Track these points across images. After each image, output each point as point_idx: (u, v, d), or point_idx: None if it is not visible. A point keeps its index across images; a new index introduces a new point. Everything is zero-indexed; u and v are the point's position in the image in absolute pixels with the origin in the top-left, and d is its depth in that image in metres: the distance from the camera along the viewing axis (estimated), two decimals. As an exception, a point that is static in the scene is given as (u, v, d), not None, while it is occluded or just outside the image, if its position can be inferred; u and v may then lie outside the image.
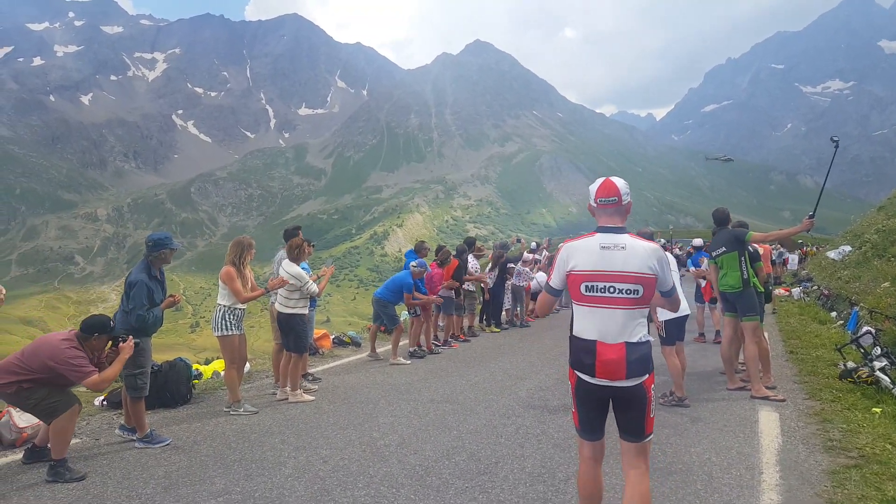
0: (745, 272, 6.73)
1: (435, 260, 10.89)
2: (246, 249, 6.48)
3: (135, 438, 5.43)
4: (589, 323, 2.95)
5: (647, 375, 2.96)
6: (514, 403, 6.57)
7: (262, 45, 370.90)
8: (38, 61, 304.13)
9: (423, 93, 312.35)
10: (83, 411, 6.56)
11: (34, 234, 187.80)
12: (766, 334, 7.59)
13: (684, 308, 6.54)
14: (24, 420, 5.48)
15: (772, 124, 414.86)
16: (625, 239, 2.98)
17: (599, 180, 3.18)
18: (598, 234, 3.05)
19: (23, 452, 5.00)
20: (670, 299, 3.27)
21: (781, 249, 26.72)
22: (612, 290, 2.92)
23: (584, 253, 3.01)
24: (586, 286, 2.96)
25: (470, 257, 12.15)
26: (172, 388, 6.87)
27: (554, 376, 7.97)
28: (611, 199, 3.06)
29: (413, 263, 9.85)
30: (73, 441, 5.46)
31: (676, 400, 6.39)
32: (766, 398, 6.47)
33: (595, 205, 3.12)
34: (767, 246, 12.60)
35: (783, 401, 6.42)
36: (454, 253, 11.31)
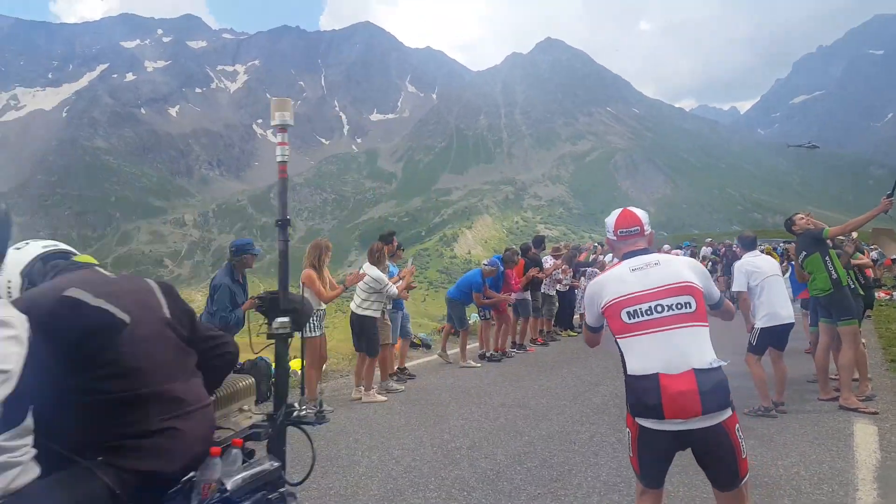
0: (835, 272, 6.27)
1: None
2: (324, 251, 6.71)
3: None
4: (644, 355, 2.55)
5: (729, 412, 2.50)
6: (589, 410, 6.44)
7: (336, 53, 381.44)
8: (130, 77, 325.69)
9: (492, 94, 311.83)
10: None
11: (128, 238, 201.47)
12: (864, 340, 7.06)
13: (788, 315, 6.19)
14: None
15: (870, 114, 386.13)
16: (655, 256, 2.78)
17: (616, 211, 3.05)
18: (625, 261, 2.84)
19: None
20: (721, 311, 2.97)
21: (880, 249, 24.70)
22: (659, 308, 2.59)
23: (614, 282, 2.74)
24: (628, 312, 2.62)
25: (548, 256, 11.98)
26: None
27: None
28: (632, 229, 2.91)
29: (484, 262, 9.80)
30: None
31: (763, 410, 6.07)
32: (856, 409, 6.02)
33: (615, 237, 2.95)
34: (866, 251, 11.74)
35: (875, 413, 5.92)
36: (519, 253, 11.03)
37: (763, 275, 6.21)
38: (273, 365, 8.62)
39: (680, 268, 2.71)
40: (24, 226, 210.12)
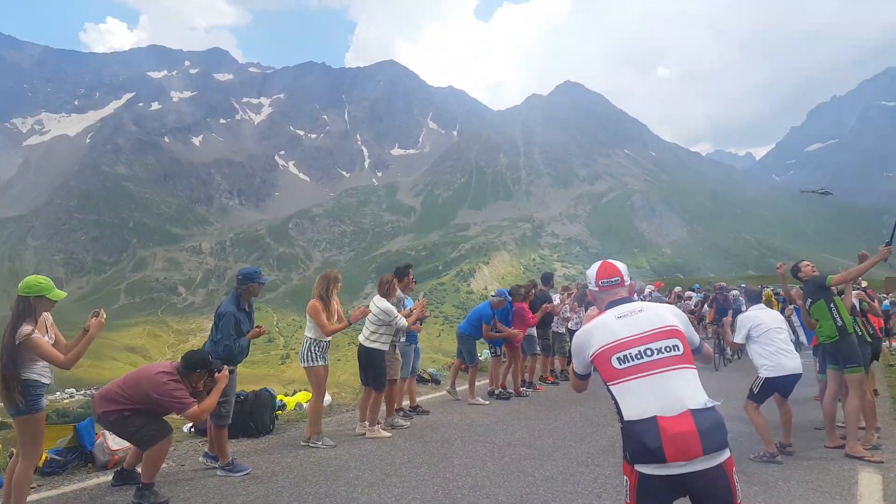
0: (840, 319, 6.36)
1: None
2: (332, 283, 6.65)
3: (217, 466, 5.70)
4: (639, 399, 2.57)
5: (727, 453, 2.50)
6: (595, 451, 6.34)
7: (360, 90, 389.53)
8: (155, 106, 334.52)
9: (512, 132, 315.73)
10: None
11: (143, 265, 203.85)
12: (875, 388, 6.99)
13: (795, 367, 6.20)
14: (116, 443, 5.90)
15: (883, 164, 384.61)
16: (638, 304, 2.85)
17: (597, 264, 3.09)
18: (608, 310, 2.89)
19: (112, 474, 5.34)
20: (700, 355, 3.03)
21: (892, 298, 24.24)
22: (649, 352, 2.63)
23: (601, 330, 2.78)
24: (618, 358, 2.65)
25: (557, 295, 11.94)
26: (256, 417, 7.18)
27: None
28: (613, 279, 2.97)
29: (492, 293, 9.74)
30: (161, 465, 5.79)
31: (768, 456, 6.01)
32: (861, 458, 5.99)
33: (597, 289, 3.00)
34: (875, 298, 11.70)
35: (881, 462, 5.89)
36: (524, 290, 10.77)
37: (765, 327, 6.34)
38: (277, 397, 8.68)
39: (663, 313, 2.78)
40: (40, 248, 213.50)
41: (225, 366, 5.21)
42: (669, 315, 2.78)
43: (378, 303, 7.16)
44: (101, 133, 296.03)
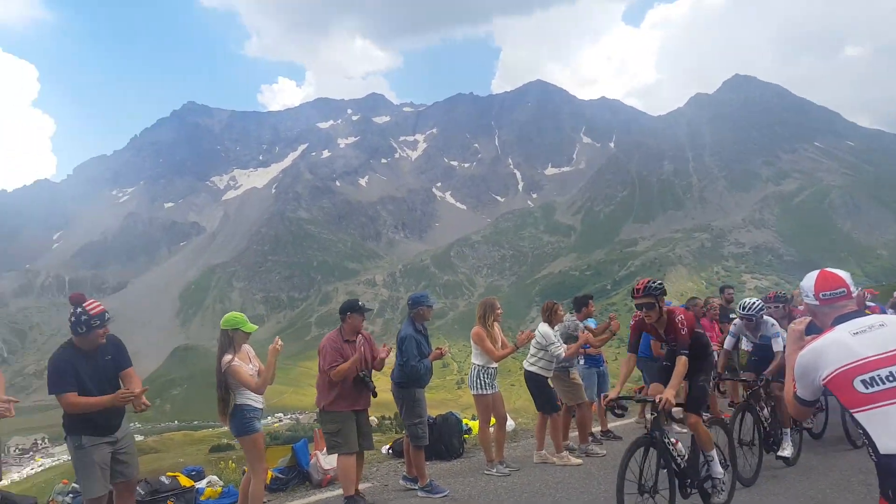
0: None
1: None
2: (489, 310, 6.78)
3: (416, 488, 5.96)
4: None
5: None
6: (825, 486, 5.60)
7: (509, 114, 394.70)
8: (326, 153, 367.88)
9: (676, 137, 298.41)
10: (373, 457, 7.52)
11: (328, 299, 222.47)
12: None
13: None
14: (328, 462, 6.43)
15: None
16: (876, 318, 2.49)
17: (813, 274, 2.76)
18: (839, 326, 2.53)
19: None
20: None
21: None
22: None
23: (835, 348, 2.43)
24: (864, 381, 2.30)
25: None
26: (446, 440, 7.43)
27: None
28: (837, 291, 2.64)
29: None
30: (366, 485, 6.20)
31: None
32: None
33: (816, 302, 2.68)
34: None
35: None
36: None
37: None
38: (465, 421, 8.90)
39: None
40: (243, 290, 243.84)
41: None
42: None
43: (540, 328, 7.19)
44: (283, 183, 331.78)
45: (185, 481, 6.35)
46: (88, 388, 4.37)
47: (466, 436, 8.33)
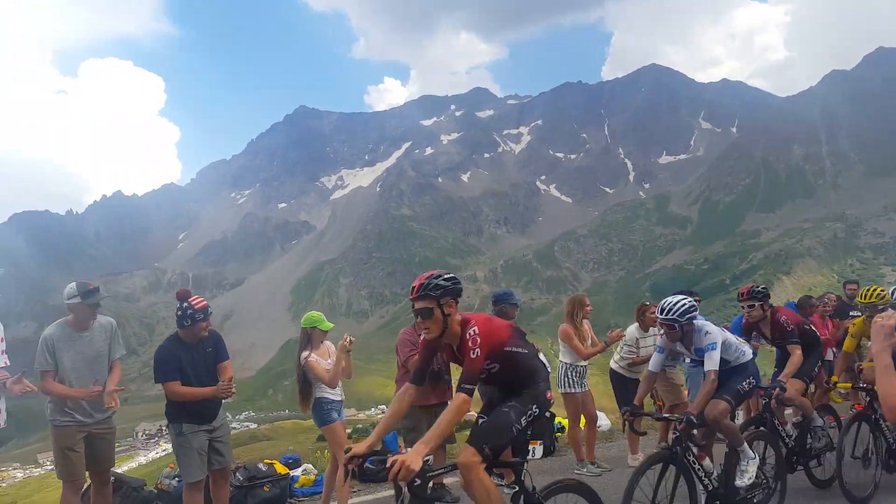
0: None
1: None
2: (578, 306, 6.87)
3: (503, 484, 5.67)
4: None
5: None
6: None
7: (620, 101, 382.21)
8: (429, 150, 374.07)
9: (807, 119, 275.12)
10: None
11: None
12: None
13: None
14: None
15: None
16: None
17: None
18: None
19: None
20: None
21: None
22: None
23: None
24: None
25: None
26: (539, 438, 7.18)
27: None
28: None
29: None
30: (453, 479, 5.64)
31: None
32: None
33: None
34: None
35: None
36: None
37: None
38: (558, 419, 8.33)
39: None
40: (349, 286, 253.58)
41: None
42: None
43: (629, 328, 7.23)
44: (387, 181, 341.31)
45: (281, 469, 6.70)
46: (190, 378, 4.83)
47: (559, 434, 8.42)
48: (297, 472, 6.98)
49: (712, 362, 4.65)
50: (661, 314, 4.78)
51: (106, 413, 4.97)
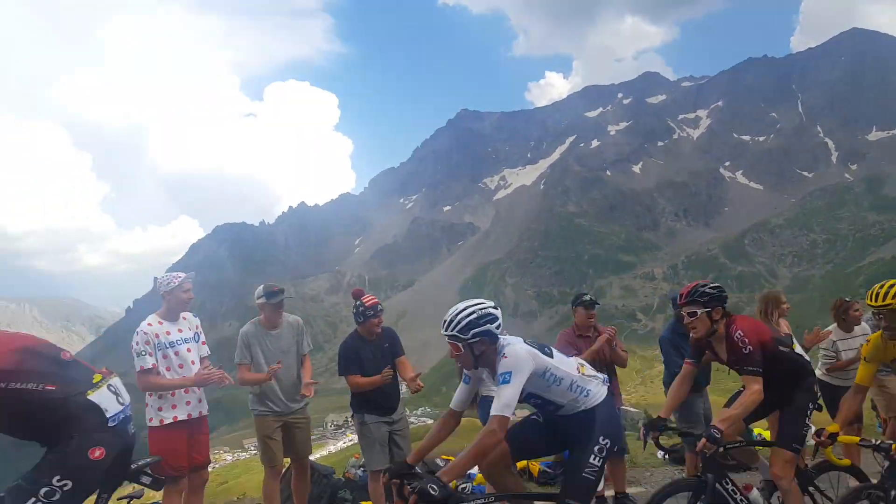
0: None
1: None
2: (773, 304, 6.35)
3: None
4: None
5: None
6: None
7: (814, 74, 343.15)
8: (595, 143, 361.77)
9: None
10: (647, 461, 7.68)
11: (601, 294, 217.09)
12: None
13: None
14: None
15: None
16: None
17: None
18: None
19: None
20: None
21: None
22: None
23: None
24: None
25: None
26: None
27: None
28: None
29: None
30: (637, 489, 6.26)
31: None
32: None
33: None
34: None
35: None
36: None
37: None
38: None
39: None
40: (515, 286, 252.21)
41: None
42: None
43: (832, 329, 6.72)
44: (551, 178, 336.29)
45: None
46: (369, 370, 5.31)
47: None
48: (474, 469, 6.14)
49: (499, 403, 3.32)
50: (442, 328, 3.60)
51: (300, 403, 5.58)
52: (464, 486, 6.40)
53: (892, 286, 4.02)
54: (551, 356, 3.56)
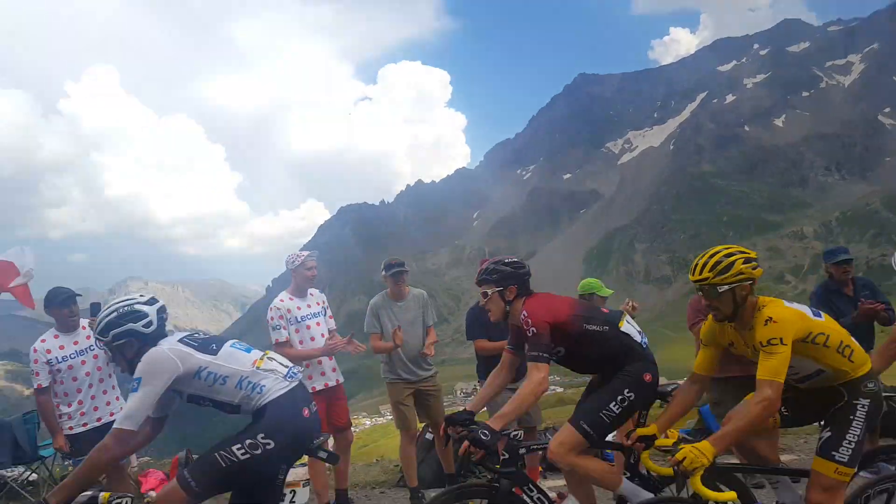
0: None
1: None
2: None
3: None
4: None
5: None
6: None
7: None
8: (730, 98, 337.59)
9: None
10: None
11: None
12: None
13: None
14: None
15: None
16: None
17: None
18: None
19: None
20: None
21: None
22: None
23: None
24: None
25: None
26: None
27: None
28: None
29: None
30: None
31: None
32: None
33: None
34: None
35: None
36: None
37: None
38: None
39: None
40: (646, 251, 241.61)
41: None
42: None
43: None
44: (682, 137, 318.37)
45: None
46: (494, 336, 5.44)
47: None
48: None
49: (120, 415, 2.99)
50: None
51: (429, 371, 5.94)
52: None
53: (712, 256, 3.31)
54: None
